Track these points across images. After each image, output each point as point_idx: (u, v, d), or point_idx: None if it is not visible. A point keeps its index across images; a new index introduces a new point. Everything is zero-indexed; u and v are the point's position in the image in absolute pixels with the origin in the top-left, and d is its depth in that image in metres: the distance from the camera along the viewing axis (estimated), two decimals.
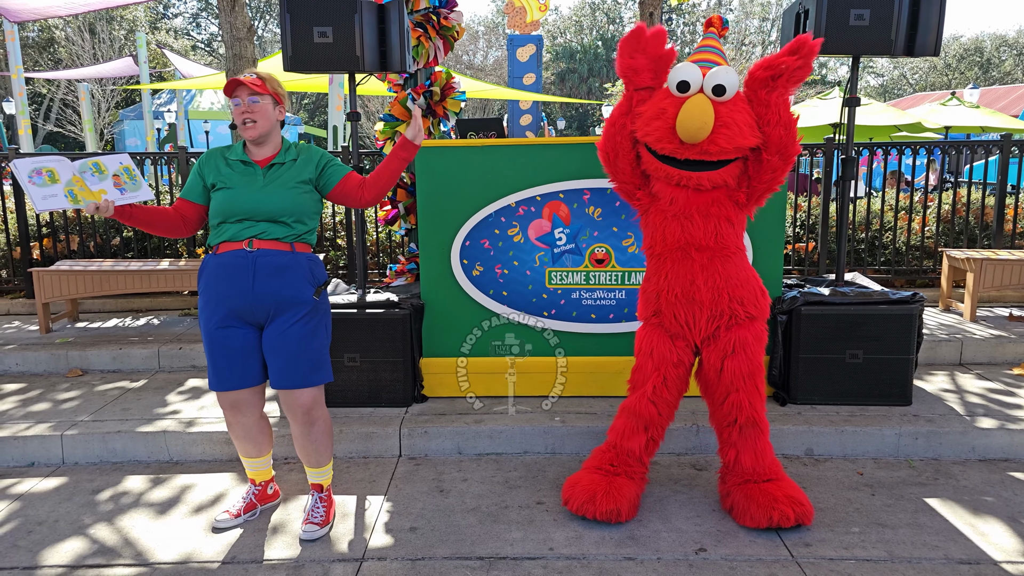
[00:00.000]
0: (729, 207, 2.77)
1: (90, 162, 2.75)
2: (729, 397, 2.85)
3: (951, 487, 3.27)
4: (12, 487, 3.44)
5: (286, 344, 2.77)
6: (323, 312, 2.90)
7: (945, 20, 3.68)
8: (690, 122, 2.56)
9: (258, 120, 2.77)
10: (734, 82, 2.62)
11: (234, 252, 2.76)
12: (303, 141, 3.14)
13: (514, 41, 20.10)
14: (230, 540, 2.91)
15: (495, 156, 3.87)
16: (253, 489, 3.13)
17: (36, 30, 29.03)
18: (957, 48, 39.71)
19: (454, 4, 4.71)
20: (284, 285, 2.76)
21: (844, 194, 4.10)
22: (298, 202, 2.81)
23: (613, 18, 45.32)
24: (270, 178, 2.80)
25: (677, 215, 2.77)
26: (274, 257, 2.76)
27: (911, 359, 3.83)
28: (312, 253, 2.91)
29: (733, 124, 2.59)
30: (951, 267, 5.43)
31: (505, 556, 2.76)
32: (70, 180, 2.68)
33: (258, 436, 3.02)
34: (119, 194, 2.75)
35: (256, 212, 2.76)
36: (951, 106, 13.39)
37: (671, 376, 2.91)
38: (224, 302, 2.76)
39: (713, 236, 2.76)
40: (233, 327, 2.78)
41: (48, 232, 6.01)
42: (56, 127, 28.23)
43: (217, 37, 40.69)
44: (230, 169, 2.83)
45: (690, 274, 2.80)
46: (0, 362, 4.79)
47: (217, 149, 2.94)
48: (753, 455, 2.88)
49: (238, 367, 2.81)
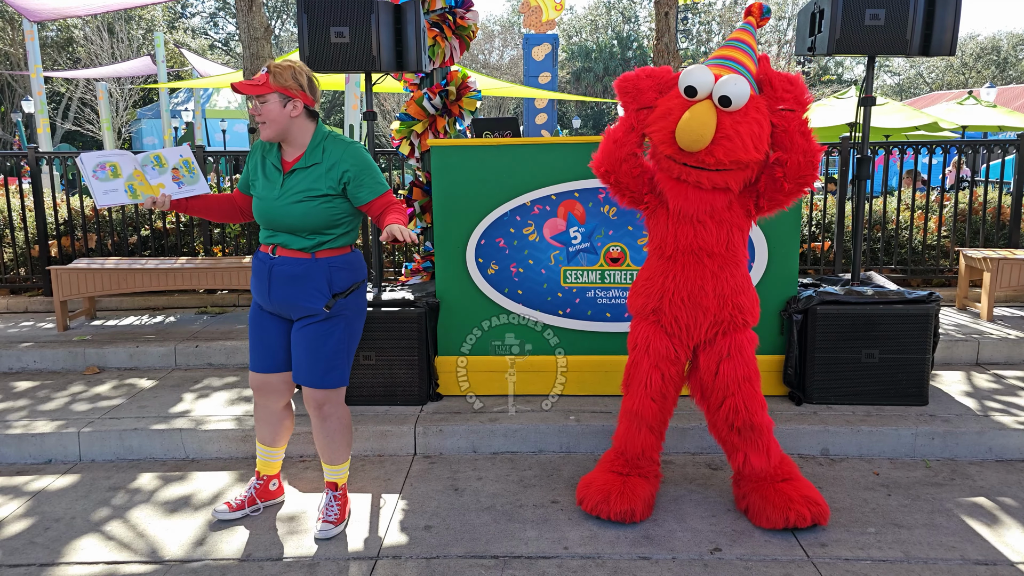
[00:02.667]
0: (741, 216, 2.74)
1: (152, 155, 2.82)
2: (726, 401, 2.82)
3: (968, 487, 3.24)
4: (30, 484, 3.48)
5: (300, 344, 2.82)
6: (344, 316, 2.83)
7: (961, 19, 3.65)
8: (688, 132, 2.49)
9: (267, 121, 2.67)
10: (743, 93, 2.49)
11: (262, 256, 2.83)
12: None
13: (530, 40, 20.11)
14: (246, 538, 2.93)
15: (510, 155, 3.87)
16: (255, 483, 3.15)
17: (55, 30, 29.31)
18: (974, 47, 39.30)
19: (470, 4, 4.72)
20: (296, 295, 2.77)
21: (860, 193, 4.08)
22: (310, 216, 2.70)
23: (628, 17, 45.21)
24: (287, 188, 2.71)
25: (690, 218, 2.72)
26: (290, 267, 2.75)
27: (927, 359, 3.80)
28: (339, 256, 2.80)
29: (736, 137, 2.49)
30: (968, 267, 5.39)
31: (520, 555, 2.77)
32: (131, 174, 2.77)
33: (278, 425, 3.06)
34: (177, 188, 2.83)
35: (273, 223, 2.75)
36: (968, 105, 13.28)
37: (668, 372, 2.89)
38: (256, 298, 2.89)
39: (725, 244, 2.73)
40: (268, 317, 2.89)
41: (66, 230, 6.07)
42: (74, 126, 28.49)
43: (234, 36, 40.92)
44: (263, 171, 2.79)
45: (700, 279, 2.77)
46: (18, 359, 4.85)
47: (263, 142, 2.82)
48: (760, 453, 2.85)
49: (268, 353, 2.91)
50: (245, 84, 2.65)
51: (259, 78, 2.66)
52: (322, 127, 2.79)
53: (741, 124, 2.50)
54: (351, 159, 2.73)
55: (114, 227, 6.09)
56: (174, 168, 2.82)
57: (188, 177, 2.83)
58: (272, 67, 2.67)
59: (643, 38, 42.71)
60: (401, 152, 4.82)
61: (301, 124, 2.73)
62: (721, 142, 2.50)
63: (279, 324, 2.90)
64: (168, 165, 2.81)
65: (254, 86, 2.63)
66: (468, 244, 3.95)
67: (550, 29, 20.00)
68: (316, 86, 2.77)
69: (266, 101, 2.65)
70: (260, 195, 2.78)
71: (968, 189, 6.19)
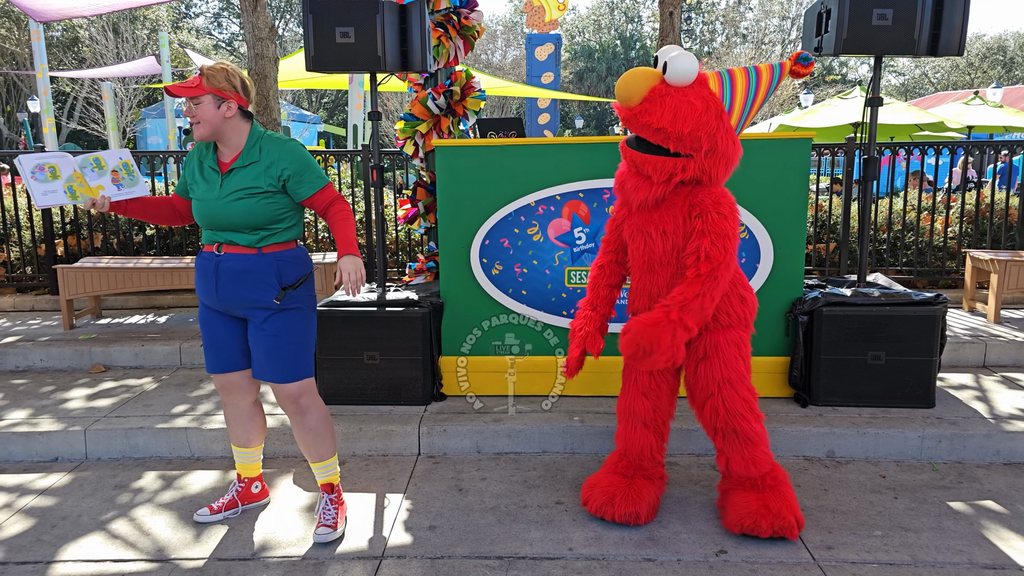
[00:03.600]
0: (680, 234, 2.69)
1: (91, 157, 2.81)
2: (707, 402, 2.80)
3: (975, 491, 3.23)
4: (36, 481, 3.48)
5: (258, 342, 2.82)
6: (297, 309, 2.84)
7: (969, 19, 3.64)
8: (621, 82, 2.61)
9: (201, 121, 2.68)
10: (681, 68, 2.54)
11: (206, 255, 2.82)
12: (322, 142, 3.03)
13: (533, 40, 20.10)
14: (251, 536, 2.93)
15: (515, 155, 3.87)
16: (237, 485, 3.15)
17: (61, 30, 29.39)
18: (980, 47, 39.19)
19: (475, 4, 4.71)
20: (245, 289, 2.77)
21: (866, 194, 4.06)
22: (252, 213, 2.71)
23: (632, 17, 45.18)
24: (226, 187, 2.73)
25: (641, 230, 2.76)
26: (236, 262, 2.76)
27: (934, 361, 3.79)
28: (287, 251, 2.81)
29: (658, 102, 2.54)
30: (975, 268, 5.37)
31: (524, 556, 2.76)
32: (71, 176, 2.77)
33: (249, 423, 3.06)
34: (116, 190, 2.83)
35: (215, 223, 2.75)
36: (974, 105, 13.23)
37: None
38: (203, 299, 2.89)
39: (672, 255, 2.71)
40: (216, 318, 2.89)
41: (72, 229, 6.08)
42: (80, 125, 28.55)
43: (238, 36, 41.00)
44: (200, 174, 2.79)
45: (658, 285, 2.78)
46: (25, 358, 4.86)
47: (199, 146, 2.85)
48: (743, 461, 2.80)
49: (223, 354, 2.92)
50: (179, 86, 2.65)
51: (192, 80, 2.67)
52: (257, 127, 2.81)
53: (669, 96, 2.55)
54: (289, 157, 2.75)
55: (119, 226, 6.10)
56: (113, 170, 2.82)
57: (128, 180, 2.84)
58: (205, 69, 2.69)
59: (646, 38, 42.69)
60: (405, 152, 4.82)
61: (235, 124, 2.74)
62: (643, 103, 2.57)
63: (229, 323, 2.88)
64: (108, 167, 2.81)
65: (187, 88, 2.65)
66: (472, 244, 3.94)
67: (553, 29, 19.99)
68: (249, 87, 2.79)
69: (200, 103, 2.67)
70: (200, 197, 2.78)
71: (974, 190, 6.17)
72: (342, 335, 3.92)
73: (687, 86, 2.58)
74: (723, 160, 2.64)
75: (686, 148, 2.58)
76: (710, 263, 2.56)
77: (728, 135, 2.64)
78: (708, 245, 2.57)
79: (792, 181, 3.77)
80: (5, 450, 3.74)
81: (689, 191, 2.66)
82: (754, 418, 2.80)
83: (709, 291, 2.55)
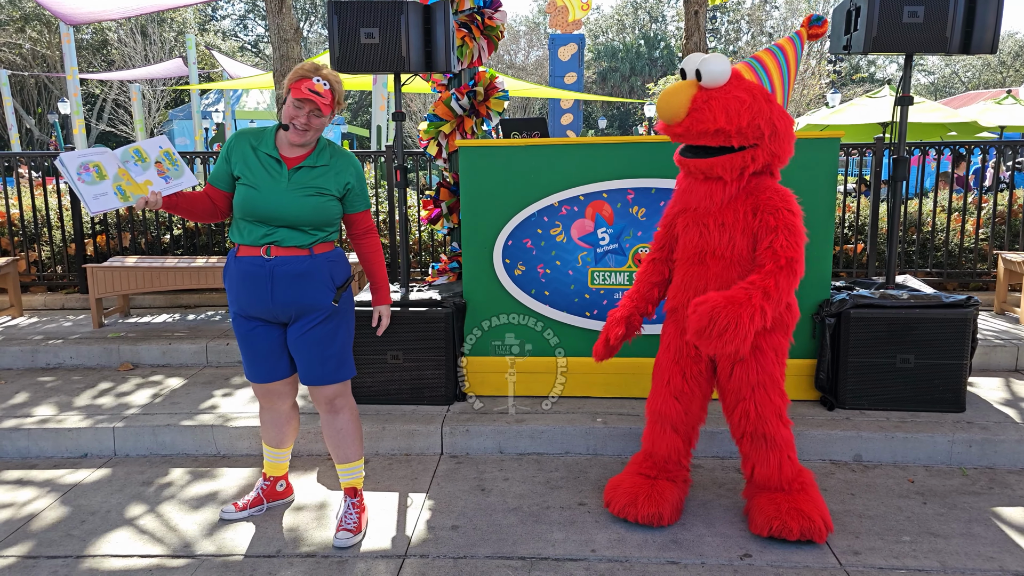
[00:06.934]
0: (743, 221, 2.68)
1: (131, 149, 2.71)
2: (739, 405, 2.78)
3: (1006, 496, 3.17)
4: (66, 477, 3.54)
5: (308, 346, 2.80)
6: (343, 311, 2.86)
7: (1003, 17, 3.58)
8: (661, 102, 2.63)
9: (310, 131, 2.67)
10: (715, 70, 2.55)
11: (252, 260, 2.73)
12: (345, 142, 3.04)
13: (556, 40, 20.07)
14: (276, 534, 2.95)
15: (538, 156, 3.86)
16: (262, 484, 3.17)
17: (90, 32, 29.86)
18: (1012, 45, 38.49)
19: (498, 4, 4.71)
20: (303, 293, 2.75)
21: (895, 194, 4.01)
22: (321, 211, 2.72)
23: (655, 16, 44.96)
24: (295, 182, 2.69)
25: (696, 221, 2.75)
26: (292, 265, 2.72)
27: (965, 364, 3.72)
28: (333, 251, 2.84)
29: (704, 107, 2.56)
30: (1007, 270, 5.27)
31: (547, 557, 2.75)
32: (116, 174, 2.64)
33: (285, 426, 3.09)
34: (164, 183, 2.71)
35: (276, 217, 2.68)
36: (1007, 105, 12.98)
37: (691, 371, 2.86)
38: (246, 308, 2.81)
39: (728, 247, 2.70)
40: (259, 329, 2.84)
41: (102, 229, 6.17)
42: (108, 127, 29.00)
43: (264, 38, 41.38)
44: (259, 163, 2.71)
45: (703, 280, 2.76)
46: (55, 355, 4.94)
47: (246, 133, 2.78)
48: (768, 466, 2.78)
49: (267, 364, 2.89)
50: (320, 101, 2.60)
51: (327, 95, 2.63)
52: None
53: (715, 98, 2.56)
54: (353, 171, 2.82)
55: (147, 226, 6.18)
56: (157, 162, 2.70)
57: (173, 170, 2.72)
58: (333, 82, 2.67)
59: (670, 38, 42.46)
60: (428, 152, 4.83)
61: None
62: (691, 113, 2.59)
63: (269, 334, 2.84)
64: (150, 159, 2.69)
65: (327, 105, 2.64)
66: (495, 245, 3.94)
67: (576, 29, 19.94)
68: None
69: (322, 116, 2.66)
70: (256, 185, 2.68)
71: (1006, 191, 6.06)
72: (366, 335, 3.93)
73: (725, 84, 2.59)
74: (787, 138, 2.67)
75: (749, 139, 2.59)
76: (788, 256, 2.56)
77: (783, 115, 2.66)
78: (783, 240, 2.58)
79: (820, 181, 3.73)
80: (36, 446, 3.81)
81: (752, 186, 2.68)
82: (783, 424, 2.78)
83: (788, 284, 2.56)
